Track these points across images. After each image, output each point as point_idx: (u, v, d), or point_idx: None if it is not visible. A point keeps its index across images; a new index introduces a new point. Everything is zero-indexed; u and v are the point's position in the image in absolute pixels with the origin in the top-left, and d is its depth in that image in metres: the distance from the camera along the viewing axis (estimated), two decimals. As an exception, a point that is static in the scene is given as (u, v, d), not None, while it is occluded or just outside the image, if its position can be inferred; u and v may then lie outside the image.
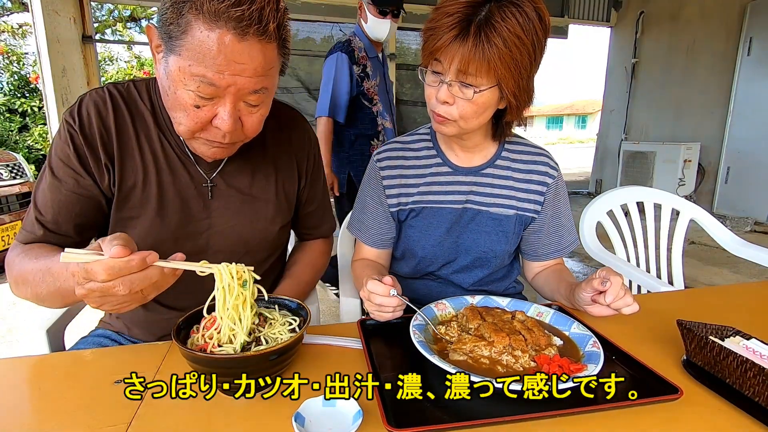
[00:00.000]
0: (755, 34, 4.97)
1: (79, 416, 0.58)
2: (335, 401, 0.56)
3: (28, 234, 0.79)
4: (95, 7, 5.35)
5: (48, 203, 0.78)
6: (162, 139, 0.83)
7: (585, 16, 6.83)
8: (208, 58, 0.64)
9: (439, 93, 0.86)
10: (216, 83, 0.65)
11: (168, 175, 0.83)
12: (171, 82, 0.68)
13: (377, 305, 0.78)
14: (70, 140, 0.77)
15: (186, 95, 0.68)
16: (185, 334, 0.64)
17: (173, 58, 0.66)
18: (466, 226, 1.01)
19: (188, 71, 0.65)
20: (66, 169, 0.78)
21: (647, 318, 0.88)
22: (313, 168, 1.02)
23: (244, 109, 0.72)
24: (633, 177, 5.93)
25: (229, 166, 0.88)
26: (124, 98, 0.82)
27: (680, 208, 1.54)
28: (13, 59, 8.00)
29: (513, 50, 0.78)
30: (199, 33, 0.63)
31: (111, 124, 0.80)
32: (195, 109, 0.69)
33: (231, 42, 0.63)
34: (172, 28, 0.64)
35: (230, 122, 0.70)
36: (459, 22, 0.79)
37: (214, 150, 0.77)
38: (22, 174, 3.44)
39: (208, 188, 0.87)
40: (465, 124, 0.88)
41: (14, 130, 7.32)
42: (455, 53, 0.80)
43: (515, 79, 0.82)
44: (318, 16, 5.78)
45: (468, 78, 0.82)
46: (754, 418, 0.57)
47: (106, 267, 0.54)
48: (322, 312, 2.67)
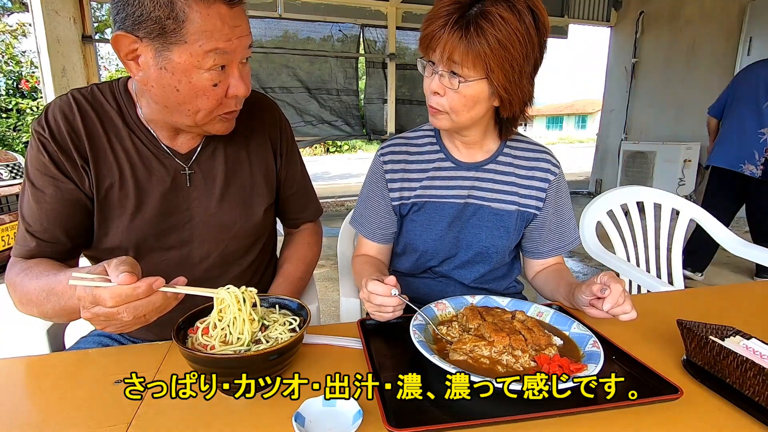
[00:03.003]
0: (755, 34, 4.96)
1: (79, 416, 0.58)
2: (335, 401, 0.56)
3: (22, 248, 0.80)
4: (95, 7, 5.34)
5: (35, 214, 0.78)
6: (132, 137, 0.84)
7: (585, 16, 6.83)
8: (215, 32, 0.69)
9: (431, 83, 0.88)
10: (227, 50, 0.72)
11: (143, 171, 0.84)
12: (181, 74, 0.71)
13: (377, 305, 0.78)
14: (43, 148, 0.78)
15: (202, 78, 0.72)
16: (185, 333, 0.64)
17: (178, 49, 0.69)
18: (468, 220, 1.02)
19: (201, 51, 0.70)
20: (45, 177, 0.78)
21: (647, 318, 0.88)
22: (288, 149, 1.03)
23: (241, 69, 0.78)
24: (633, 177, 5.93)
25: (202, 155, 0.89)
26: (89, 101, 0.83)
27: (680, 207, 1.54)
28: (8, 59, 8.02)
29: (502, 44, 0.79)
30: (198, 15, 0.68)
31: (80, 126, 0.80)
32: (213, 88, 0.74)
33: (226, 12, 0.70)
34: (168, 23, 0.67)
35: (243, 85, 0.77)
36: (452, 12, 0.81)
37: (227, 124, 0.83)
38: (21, 174, 3.44)
39: (186, 176, 0.87)
40: (456, 117, 0.89)
41: (11, 127, 7.36)
42: (444, 41, 0.81)
43: (505, 73, 0.82)
44: (318, 16, 5.78)
45: (456, 68, 0.83)
46: (754, 418, 0.57)
47: (114, 294, 0.56)
48: (322, 312, 2.67)
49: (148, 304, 0.58)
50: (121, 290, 0.56)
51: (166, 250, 0.88)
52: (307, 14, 5.74)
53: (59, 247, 0.81)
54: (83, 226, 0.83)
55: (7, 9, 8.86)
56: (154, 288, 0.58)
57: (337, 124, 6.33)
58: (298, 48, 5.83)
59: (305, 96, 6.04)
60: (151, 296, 0.58)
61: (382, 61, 6.26)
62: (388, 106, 6.37)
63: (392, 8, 5.96)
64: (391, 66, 6.21)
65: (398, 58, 6.24)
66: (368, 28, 6.12)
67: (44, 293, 0.70)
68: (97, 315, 0.58)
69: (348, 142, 18.75)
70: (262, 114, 0.99)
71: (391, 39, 6.13)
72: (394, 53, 6.17)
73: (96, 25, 5.56)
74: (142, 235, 0.84)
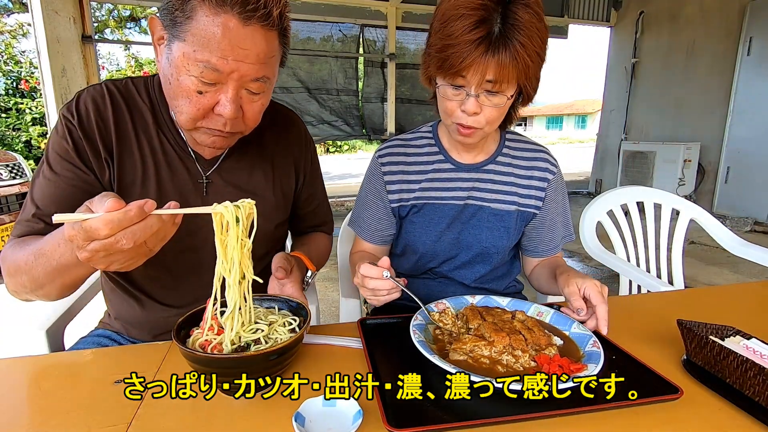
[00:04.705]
0: (755, 34, 4.97)
1: (79, 416, 0.58)
2: (335, 401, 0.56)
3: (25, 228, 0.77)
4: (95, 7, 5.34)
5: (47, 198, 0.77)
6: (161, 136, 0.83)
7: (585, 16, 6.84)
8: (212, 43, 0.65)
9: (466, 106, 0.84)
10: (220, 68, 0.66)
11: (167, 171, 0.83)
12: (174, 69, 0.69)
13: (371, 289, 0.78)
14: (68, 134, 0.77)
15: (189, 81, 0.68)
16: (185, 333, 0.64)
17: (177, 44, 0.67)
18: (468, 221, 1.02)
19: (192, 57, 0.66)
20: (64, 163, 0.77)
21: (647, 318, 0.88)
22: (311, 166, 1.03)
23: (246, 97, 0.73)
24: (633, 177, 5.94)
25: (226, 162, 0.89)
26: (122, 94, 0.82)
27: (680, 207, 1.54)
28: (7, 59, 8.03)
29: (531, 48, 0.79)
30: (204, 18, 0.64)
31: (109, 119, 0.79)
32: (197, 95, 0.69)
33: (235, 26, 0.65)
34: (177, 14, 0.65)
35: (232, 108, 0.70)
36: (479, 33, 0.77)
37: (214, 139, 0.77)
38: (21, 174, 3.44)
39: (203, 185, 0.87)
40: (490, 128, 0.90)
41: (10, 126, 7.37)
42: (482, 66, 0.79)
43: (534, 74, 0.83)
44: (318, 16, 5.78)
45: (494, 86, 0.82)
46: (754, 418, 0.57)
47: (106, 221, 0.52)
48: (322, 312, 2.67)
49: (145, 228, 0.54)
50: (113, 216, 0.51)
51: (179, 253, 0.87)
52: (306, 14, 5.75)
53: None
54: None
55: (7, 9, 8.86)
56: (147, 210, 0.53)
57: (337, 124, 6.33)
58: (297, 48, 5.83)
59: (305, 96, 6.05)
60: (147, 220, 0.54)
61: (381, 61, 6.27)
62: (387, 105, 6.37)
63: (392, 8, 5.96)
64: (391, 66, 6.22)
65: (398, 58, 6.24)
66: (368, 28, 6.12)
67: (32, 256, 0.67)
68: (96, 251, 0.54)
69: (348, 142, 18.75)
70: (288, 132, 0.98)
71: (391, 39, 6.13)
72: (394, 53, 6.17)
73: (96, 24, 5.56)
74: None
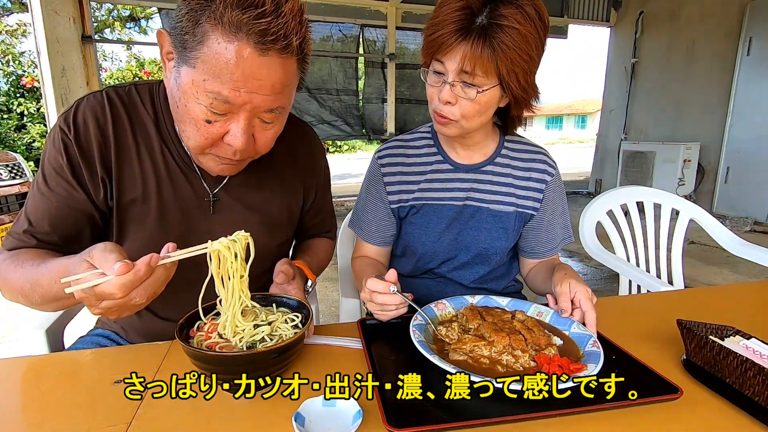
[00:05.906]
0: (755, 34, 4.97)
1: (79, 416, 0.58)
2: (335, 401, 0.56)
3: (17, 242, 0.76)
4: (95, 7, 5.33)
5: (40, 214, 0.75)
6: (164, 149, 0.79)
7: (585, 16, 6.83)
8: (224, 73, 0.60)
9: (441, 93, 0.86)
10: (231, 100, 0.62)
11: (169, 187, 0.80)
12: (182, 93, 0.65)
13: (380, 304, 0.78)
14: (63, 150, 0.73)
15: (197, 109, 0.64)
16: (187, 333, 0.64)
17: (186, 69, 0.63)
18: (467, 222, 1.02)
19: (202, 86, 0.62)
20: (59, 179, 0.74)
21: (647, 318, 0.88)
22: (324, 182, 1.02)
23: (258, 126, 0.69)
24: (633, 177, 5.93)
25: (234, 179, 0.85)
26: (124, 104, 0.77)
27: (680, 207, 1.55)
28: (9, 60, 8.02)
29: (515, 49, 0.79)
30: (216, 44, 0.59)
31: (109, 133, 0.75)
32: (206, 124, 0.66)
33: (250, 56, 0.60)
34: (187, 38, 0.61)
35: (243, 140, 0.67)
36: (461, 22, 0.79)
37: (222, 167, 0.74)
38: (21, 174, 3.44)
39: (210, 203, 0.84)
40: (467, 123, 0.89)
41: (11, 128, 7.36)
42: (458, 54, 0.80)
43: (519, 76, 0.82)
44: (318, 15, 5.78)
45: (470, 78, 0.82)
46: (754, 418, 0.57)
47: (120, 286, 0.53)
48: (322, 312, 2.67)
49: (155, 281, 0.57)
50: (125, 279, 0.53)
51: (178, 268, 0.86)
52: (306, 14, 5.73)
53: (56, 249, 0.78)
54: (82, 236, 0.79)
55: (7, 9, 8.86)
56: (153, 265, 0.55)
57: (337, 124, 6.33)
58: (297, 48, 5.82)
59: (305, 96, 6.04)
60: (155, 273, 0.56)
61: (381, 61, 6.27)
62: (387, 105, 6.37)
63: (392, 8, 5.96)
64: (391, 66, 6.22)
65: (398, 58, 6.24)
66: (368, 28, 6.12)
67: (29, 284, 0.67)
68: (109, 308, 0.56)
69: (348, 142, 18.74)
70: (298, 151, 0.95)
71: (391, 39, 6.13)
72: (394, 53, 6.17)
73: (95, 24, 5.56)
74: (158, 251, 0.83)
